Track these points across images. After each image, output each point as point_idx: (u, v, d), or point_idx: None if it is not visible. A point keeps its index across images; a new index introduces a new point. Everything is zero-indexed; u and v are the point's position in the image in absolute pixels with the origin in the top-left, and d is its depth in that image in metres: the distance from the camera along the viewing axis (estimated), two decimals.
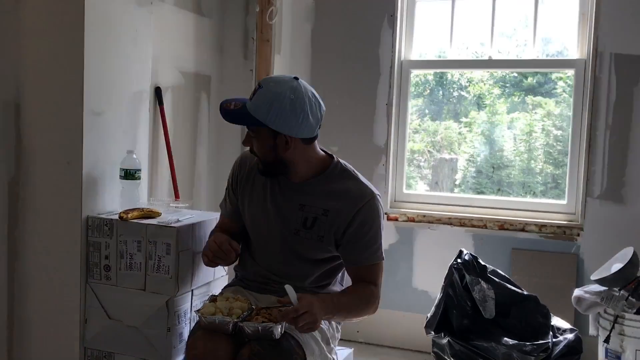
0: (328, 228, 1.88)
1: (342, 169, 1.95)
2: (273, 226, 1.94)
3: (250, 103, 1.81)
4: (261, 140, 1.84)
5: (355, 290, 1.91)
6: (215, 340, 1.72)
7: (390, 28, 3.45)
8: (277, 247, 1.95)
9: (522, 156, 3.55)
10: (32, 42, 2.12)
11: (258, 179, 1.97)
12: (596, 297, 2.67)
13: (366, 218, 1.87)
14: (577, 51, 3.26)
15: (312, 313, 1.68)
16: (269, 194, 1.95)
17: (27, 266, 2.17)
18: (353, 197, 1.88)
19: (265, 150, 1.85)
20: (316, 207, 1.89)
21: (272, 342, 1.71)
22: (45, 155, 2.13)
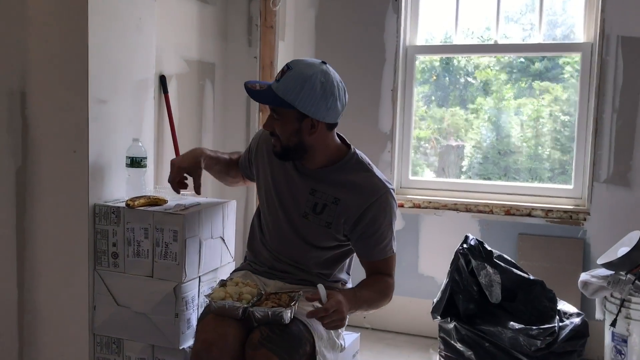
0: (337, 216, 1.89)
1: (358, 161, 1.94)
2: (283, 206, 1.96)
3: (279, 84, 1.79)
4: (286, 123, 1.82)
5: (374, 283, 1.92)
6: (224, 324, 1.73)
7: (394, 13, 3.43)
8: (285, 227, 1.96)
9: (529, 142, 3.53)
10: (37, 31, 2.12)
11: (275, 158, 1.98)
12: (602, 281, 2.67)
13: (378, 213, 1.87)
14: (583, 34, 3.23)
15: (340, 311, 1.69)
16: (283, 174, 1.97)
17: (36, 255, 2.18)
18: (366, 191, 1.88)
19: (288, 133, 1.83)
20: (327, 194, 1.90)
21: (281, 327, 1.72)
22: (51, 144, 2.13)
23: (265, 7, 3.27)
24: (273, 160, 1.98)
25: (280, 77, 1.79)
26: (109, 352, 2.11)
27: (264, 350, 1.67)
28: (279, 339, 1.69)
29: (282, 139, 1.85)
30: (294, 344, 1.71)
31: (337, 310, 1.68)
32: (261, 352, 1.67)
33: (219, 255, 2.21)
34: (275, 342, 1.68)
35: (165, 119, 2.78)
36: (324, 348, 1.83)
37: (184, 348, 2.01)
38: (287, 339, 1.71)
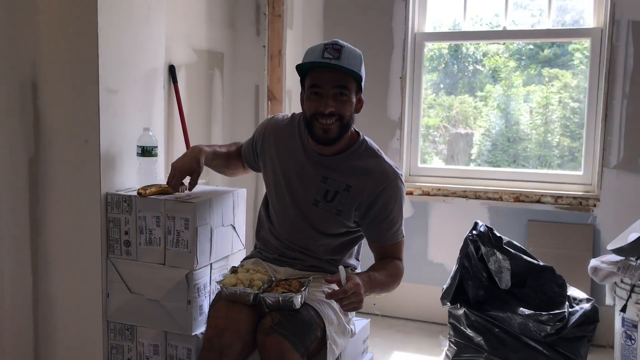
0: (348, 204, 1.91)
1: (367, 147, 1.97)
2: (293, 194, 1.97)
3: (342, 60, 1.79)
4: (349, 100, 1.86)
5: (386, 266, 1.95)
6: (236, 310, 1.75)
7: (402, 0, 3.41)
8: (294, 216, 1.98)
9: (539, 129, 3.52)
10: (47, 21, 2.14)
11: (287, 145, 2.00)
12: (612, 267, 2.67)
13: (390, 198, 1.90)
14: (593, 20, 3.21)
15: (358, 293, 1.71)
16: (294, 163, 1.98)
17: (49, 243, 2.21)
18: (377, 177, 1.91)
19: (350, 111, 1.87)
20: (339, 181, 1.92)
21: (292, 312, 1.74)
22: (63, 134, 2.16)
23: None
24: (282, 149, 2.00)
25: (338, 55, 1.79)
26: (122, 339, 2.14)
27: (275, 335, 1.69)
28: (289, 324, 1.71)
29: (344, 118, 1.85)
30: (305, 329, 1.73)
31: (355, 292, 1.70)
32: (272, 337, 1.69)
33: (229, 242, 2.23)
34: (286, 327, 1.70)
35: (174, 108, 2.80)
36: (334, 333, 1.85)
37: (196, 334, 2.04)
38: (298, 324, 1.73)
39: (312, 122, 1.87)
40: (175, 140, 2.81)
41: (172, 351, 2.08)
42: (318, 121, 1.85)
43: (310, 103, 1.86)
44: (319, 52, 1.82)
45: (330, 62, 1.79)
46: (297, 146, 2.00)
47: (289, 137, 2.03)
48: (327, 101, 1.82)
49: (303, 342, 1.71)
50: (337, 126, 1.85)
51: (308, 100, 1.87)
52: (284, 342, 1.67)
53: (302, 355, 1.70)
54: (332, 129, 1.85)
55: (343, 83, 1.82)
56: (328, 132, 1.85)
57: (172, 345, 2.08)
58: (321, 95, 1.83)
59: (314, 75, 1.84)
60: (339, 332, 1.90)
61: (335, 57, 1.79)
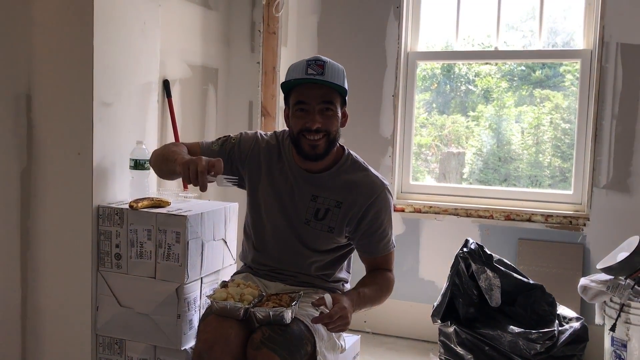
0: (340, 220, 1.93)
1: (353, 160, 2.00)
2: (285, 214, 1.97)
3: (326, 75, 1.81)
4: (335, 115, 1.87)
5: (375, 280, 1.97)
6: (226, 325, 1.75)
7: (396, 20, 3.46)
8: (285, 235, 1.98)
9: (530, 150, 3.55)
10: (42, 34, 2.15)
11: (275, 165, 1.99)
12: (602, 285, 2.68)
13: (380, 210, 1.93)
14: (583, 41, 3.26)
15: (344, 317, 1.73)
16: (284, 183, 1.98)
17: (40, 255, 2.20)
18: (365, 189, 1.93)
19: (336, 126, 1.89)
20: (329, 199, 1.93)
21: (282, 327, 1.74)
22: (56, 146, 2.16)
23: (268, 13, 3.30)
24: (271, 169, 1.99)
25: (322, 70, 1.81)
26: (111, 353, 2.13)
27: (265, 350, 1.68)
28: (280, 339, 1.71)
29: (331, 133, 1.87)
30: (295, 343, 1.73)
31: (341, 316, 1.72)
32: (262, 352, 1.68)
33: (221, 257, 2.23)
34: (276, 342, 1.70)
35: (168, 122, 2.80)
36: (324, 349, 1.85)
37: (185, 349, 2.03)
38: (288, 338, 1.72)
39: (299, 138, 1.87)
40: None
41: None
42: (305, 137, 1.85)
43: (296, 120, 1.87)
44: (302, 69, 1.83)
45: (315, 78, 1.81)
46: (284, 165, 1.99)
47: (275, 156, 2.01)
48: (313, 117, 1.83)
49: (293, 356, 1.71)
50: (325, 142, 1.86)
51: (294, 117, 1.88)
52: (274, 357, 1.67)
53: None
54: (320, 144, 1.86)
55: (329, 98, 1.84)
56: (316, 148, 1.86)
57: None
58: (307, 111, 1.84)
59: (299, 92, 1.85)
60: (329, 347, 1.90)
61: (319, 72, 1.81)
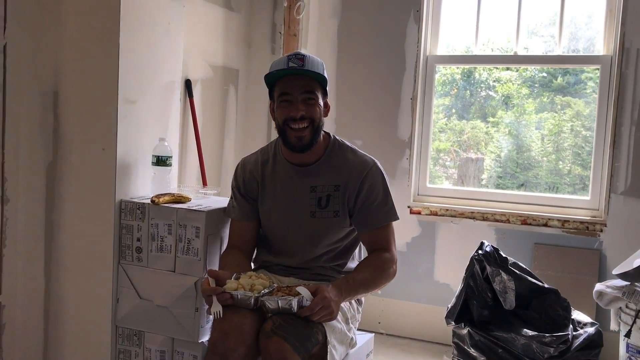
0: (341, 202, 2.00)
1: (340, 144, 2.08)
2: (289, 215, 2.03)
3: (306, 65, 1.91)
4: (317, 104, 1.96)
5: (369, 262, 2.00)
6: (240, 315, 1.79)
7: (416, 23, 3.48)
8: (294, 234, 2.03)
9: (550, 157, 3.54)
10: (70, 33, 2.22)
11: (265, 176, 2.07)
12: (618, 291, 2.68)
13: (373, 183, 2.00)
14: (603, 47, 3.26)
15: (326, 306, 1.77)
16: (280, 187, 2.04)
17: (63, 247, 2.27)
18: (357, 167, 2.02)
19: (319, 113, 1.97)
20: (327, 185, 2.01)
21: (293, 317, 1.78)
22: (81, 142, 2.22)
23: (289, 16, 3.35)
24: (265, 178, 2.07)
25: (302, 63, 1.91)
26: (130, 344, 2.18)
27: (276, 338, 1.72)
28: (290, 327, 1.75)
29: (315, 121, 1.95)
30: (306, 332, 1.77)
31: (323, 307, 1.76)
32: (273, 339, 1.72)
33: None
34: (286, 330, 1.74)
35: (189, 121, 2.86)
36: (335, 340, 1.88)
37: (202, 342, 2.07)
38: (298, 327, 1.76)
39: (285, 130, 1.96)
40: (189, 153, 2.87)
41: (178, 358, 2.11)
42: (291, 128, 1.94)
43: (280, 110, 1.96)
44: (284, 62, 1.94)
45: (296, 69, 1.91)
46: (277, 169, 2.06)
47: (265, 165, 2.09)
48: (297, 106, 1.93)
49: (304, 344, 1.74)
50: (310, 131, 1.95)
51: (279, 109, 1.97)
52: (285, 345, 1.71)
53: (302, 358, 1.73)
54: (305, 135, 1.95)
55: (310, 88, 1.94)
56: (302, 139, 1.95)
57: (179, 352, 2.11)
58: (291, 102, 1.94)
59: (282, 84, 1.96)
60: (340, 339, 1.92)
61: (299, 65, 1.91)
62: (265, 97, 3.35)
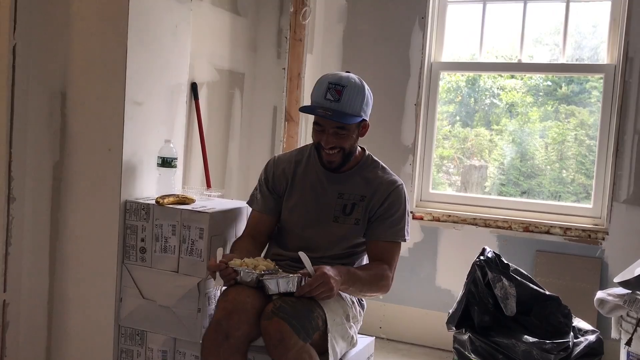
0: (364, 211, 2.05)
1: (372, 160, 2.16)
2: (312, 215, 2.08)
3: (343, 103, 1.94)
4: (351, 134, 2.00)
5: (371, 267, 2.05)
6: (243, 294, 1.84)
7: (421, 30, 3.51)
8: (314, 234, 2.07)
9: (554, 165, 3.55)
10: (78, 35, 2.24)
11: (297, 174, 2.13)
12: (619, 299, 2.68)
13: (395, 200, 2.06)
14: (607, 56, 3.27)
15: (326, 282, 1.81)
16: (310, 188, 2.10)
17: (68, 246, 2.29)
18: (384, 184, 2.08)
19: (353, 141, 2.03)
20: (354, 194, 2.07)
21: (293, 299, 1.81)
22: (87, 142, 2.24)
23: (295, 21, 3.37)
24: (294, 177, 2.14)
25: (339, 97, 1.94)
26: (132, 343, 2.19)
27: (276, 319, 1.76)
28: (290, 309, 1.79)
29: (346, 149, 2.02)
30: (305, 314, 1.81)
31: (323, 282, 1.81)
32: (273, 320, 1.76)
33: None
34: (286, 312, 1.78)
35: (194, 124, 2.88)
36: (336, 332, 1.91)
37: None
38: (298, 308, 1.80)
39: (318, 149, 2.06)
40: (194, 155, 2.89)
41: (180, 358, 2.13)
42: (323, 150, 2.02)
43: (314, 134, 2.04)
44: (322, 92, 1.97)
45: (327, 115, 1.93)
46: (309, 170, 2.14)
47: (298, 164, 2.16)
48: (328, 137, 1.99)
49: (303, 326, 1.77)
50: (340, 156, 2.03)
51: (313, 131, 2.05)
52: (284, 325, 1.74)
53: (302, 340, 1.76)
54: (335, 159, 2.03)
55: (342, 125, 1.98)
56: (332, 162, 2.04)
57: (181, 352, 2.13)
58: (322, 131, 2.00)
59: None
60: (341, 332, 1.95)
61: (336, 99, 1.94)
62: (270, 101, 3.41)
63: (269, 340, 1.77)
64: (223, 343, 1.79)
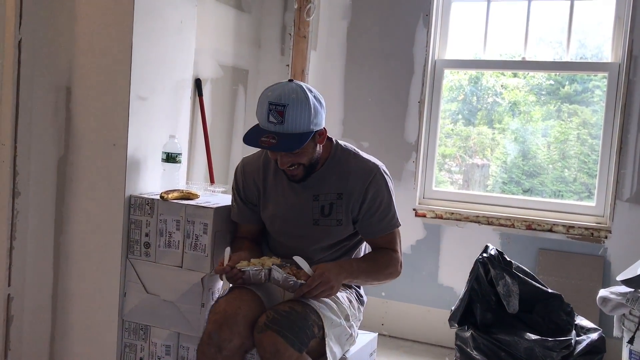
0: (344, 210, 1.97)
1: (342, 149, 2.02)
2: (291, 222, 2.02)
3: (287, 125, 1.78)
4: (307, 150, 1.87)
5: (376, 255, 2.02)
6: (234, 306, 1.83)
7: (425, 27, 3.51)
8: (297, 240, 2.03)
9: (556, 164, 3.55)
10: (84, 30, 2.25)
11: (267, 181, 2.05)
12: (622, 298, 2.68)
13: (377, 190, 1.96)
14: (611, 55, 3.27)
15: (326, 282, 1.80)
16: (282, 194, 2.02)
17: (72, 241, 2.29)
18: (360, 174, 1.96)
19: (310, 155, 1.89)
20: (330, 193, 1.98)
21: (287, 310, 1.80)
22: (92, 137, 2.25)
23: (299, 17, 3.37)
24: (266, 188, 2.05)
25: (282, 118, 1.78)
26: (136, 338, 2.20)
27: (270, 332, 1.74)
28: (284, 321, 1.76)
29: (306, 164, 1.90)
30: (299, 323, 1.77)
31: (322, 282, 1.79)
32: (267, 334, 1.74)
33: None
34: (280, 324, 1.75)
35: (198, 120, 2.89)
36: (333, 334, 1.88)
37: None
38: (292, 320, 1.77)
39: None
40: (198, 151, 2.90)
41: (183, 352, 2.13)
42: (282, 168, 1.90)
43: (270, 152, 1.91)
44: (264, 115, 1.80)
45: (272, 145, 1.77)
46: (279, 174, 2.02)
47: (267, 170, 2.05)
48: (281, 159, 1.86)
49: (298, 337, 1.74)
50: (301, 169, 1.91)
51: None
52: (278, 338, 1.72)
53: (297, 351, 1.74)
54: (297, 173, 1.92)
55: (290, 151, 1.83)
56: (295, 176, 1.93)
57: (184, 347, 2.13)
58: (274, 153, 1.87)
59: None
60: (339, 334, 1.92)
61: (279, 121, 1.78)
62: None
63: (263, 354, 1.75)
64: (216, 356, 1.78)
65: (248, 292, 1.91)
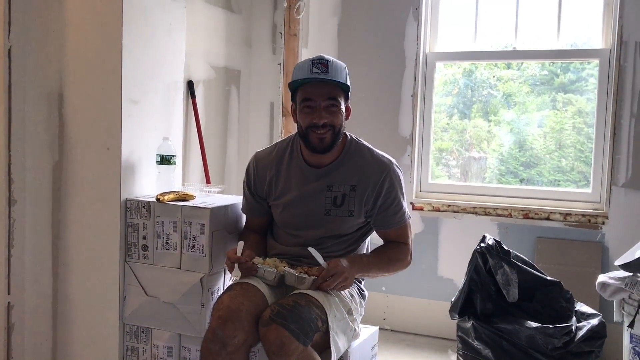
0: (357, 202, 2.03)
1: (357, 143, 2.12)
2: (303, 212, 2.05)
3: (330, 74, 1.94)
4: (339, 110, 2.00)
5: (385, 247, 2.09)
6: (238, 302, 1.84)
7: (415, 21, 3.51)
8: (308, 231, 2.06)
9: (553, 154, 3.55)
10: (74, 35, 2.25)
11: (280, 171, 2.09)
12: (620, 282, 2.68)
13: (391, 185, 2.04)
14: (601, 41, 3.28)
15: (340, 273, 1.86)
16: (296, 184, 2.07)
17: (70, 246, 2.29)
18: (375, 168, 2.05)
19: (341, 119, 2.01)
20: (343, 184, 2.04)
21: (291, 304, 1.81)
22: (86, 142, 2.25)
23: (289, 16, 3.38)
24: (279, 175, 2.10)
25: (326, 69, 1.94)
26: (137, 341, 2.21)
27: (275, 326, 1.75)
28: (288, 314, 1.77)
29: (336, 127, 2.00)
30: (304, 317, 1.79)
31: (337, 273, 1.86)
32: (272, 327, 1.75)
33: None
34: (284, 317, 1.77)
35: (192, 122, 2.89)
36: (337, 328, 1.90)
37: None
38: (297, 313, 1.79)
39: (307, 133, 2.00)
40: (192, 153, 2.90)
41: (185, 353, 2.14)
42: (314, 132, 1.98)
43: (304, 116, 2.00)
44: (307, 68, 1.96)
45: (320, 77, 1.93)
46: (292, 165, 2.10)
47: (281, 160, 2.12)
48: (320, 113, 1.96)
49: (302, 329, 1.76)
50: (331, 134, 1.99)
51: (302, 114, 2.01)
52: (283, 331, 1.73)
53: (303, 344, 1.75)
54: (327, 138, 1.99)
55: (333, 95, 1.97)
56: (323, 140, 1.99)
57: (186, 348, 2.14)
58: (314, 108, 1.97)
59: (305, 90, 1.99)
60: (343, 328, 1.94)
61: (323, 71, 1.94)
62: (267, 97, 3.42)
63: (268, 347, 1.76)
64: (221, 352, 1.79)
65: (251, 287, 1.92)
